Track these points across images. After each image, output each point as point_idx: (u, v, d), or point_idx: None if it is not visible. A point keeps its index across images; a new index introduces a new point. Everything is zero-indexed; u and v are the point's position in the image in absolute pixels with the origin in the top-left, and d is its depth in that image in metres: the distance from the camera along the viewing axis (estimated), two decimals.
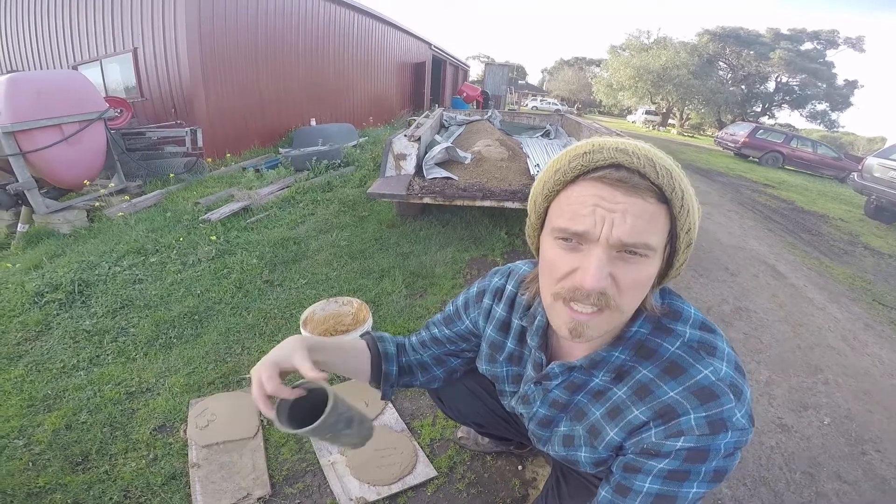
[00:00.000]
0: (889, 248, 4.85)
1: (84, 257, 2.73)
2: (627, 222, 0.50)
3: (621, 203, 0.50)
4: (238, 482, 1.25)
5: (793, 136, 12.54)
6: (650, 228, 0.51)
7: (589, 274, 0.51)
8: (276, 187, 4.20)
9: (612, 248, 0.51)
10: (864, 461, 1.63)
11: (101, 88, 5.87)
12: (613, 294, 0.52)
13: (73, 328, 2.02)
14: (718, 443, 0.55)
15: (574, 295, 0.53)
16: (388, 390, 0.89)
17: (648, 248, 0.51)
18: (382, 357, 0.87)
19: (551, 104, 33.62)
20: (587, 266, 0.51)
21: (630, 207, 0.50)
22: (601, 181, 0.51)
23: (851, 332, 2.61)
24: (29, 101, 3.32)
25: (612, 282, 0.52)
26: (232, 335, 1.97)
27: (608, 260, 0.51)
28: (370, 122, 9.64)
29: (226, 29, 5.73)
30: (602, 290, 0.51)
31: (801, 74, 21.19)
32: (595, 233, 0.50)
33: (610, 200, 0.50)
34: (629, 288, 0.53)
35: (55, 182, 3.72)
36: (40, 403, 1.56)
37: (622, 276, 0.52)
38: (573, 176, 0.53)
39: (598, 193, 0.51)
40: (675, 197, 0.51)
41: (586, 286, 0.51)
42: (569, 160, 0.54)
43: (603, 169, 0.51)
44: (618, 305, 0.53)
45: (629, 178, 0.50)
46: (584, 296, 0.52)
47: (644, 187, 0.50)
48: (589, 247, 0.52)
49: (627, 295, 0.54)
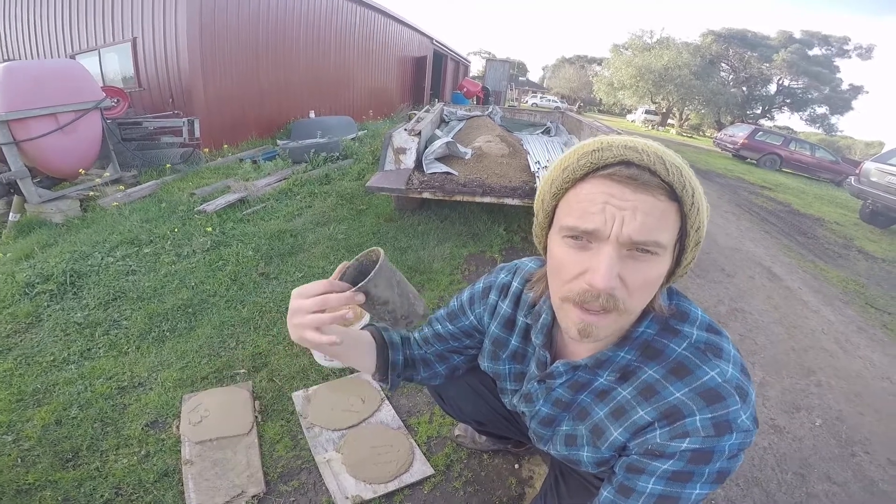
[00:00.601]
0: (882, 253, 4.88)
1: (76, 247, 2.69)
2: (638, 219, 0.49)
3: (631, 200, 0.49)
4: (232, 479, 1.23)
5: (791, 139, 12.58)
6: (661, 226, 0.50)
7: (599, 274, 0.50)
8: (274, 179, 4.16)
9: (622, 246, 0.50)
10: (854, 463, 1.64)
11: (98, 78, 5.79)
12: (623, 296, 0.52)
13: (65, 320, 1.99)
14: (723, 444, 0.55)
15: (584, 298, 0.53)
16: (396, 379, 0.88)
17: (659, 245, 0.51)
18: (389, 345, 0.86)
19: (551, 101, 33.55)
20: (596, 266, 0.51)
21: (640, 205, 0.49)
22: (611, 178, 0.50)
23: (844, 335, 2.63)
24: (24, 89, 3.28)
25: (621, 283, 0.51)
26: (226, 329, 1.95)
27: (618, 259, 0.50)
28: (370, 116, 9.57)
29: (227, 20, 5.67)
30: (611, 292, 0.51)
31: (804, 77, 21.25)
32: (605, 231, 0.50)
33: (620, 198, 0.50)
34: (638, 288, 0.53)
35: (49, 171, 3.67)
36: (30, 398, 1.54)
37: (631, 275, 0.51)
38: (582, 174, 0.52)
39: (608, 191, 0.50)
40: (686, 194, 0.51)
41: (596, 286, 0.51)
42: (577, 158, 0.53)
43: (612, 166, 0.51)
44: (626, 308, 0.53)
45: (639, 175, 0.49)
46: (594, 297, 0.52)
47: (654, 184, 0.49)
48: (599, 245, 0.51)
49: (636, 295, 0.53)
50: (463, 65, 19.54)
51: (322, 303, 0.60)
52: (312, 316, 0.60)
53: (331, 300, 0.60)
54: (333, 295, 0.60)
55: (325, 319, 0.60)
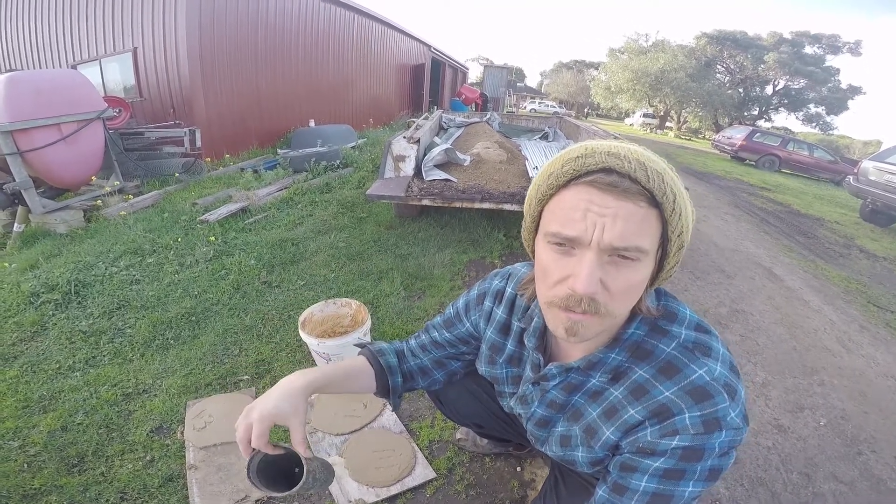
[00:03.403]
0: (884, 251, 4.88)
1: (80, 257, 2.72)
2: (618, 226, 0.50)
3: (612, 207, 0.50)
4: (236, 484, 1.24)
5: (789, 140, 12.60)
6: (641, 232, 0.51)
7: (580, 280, 0.52)
8: (275, 188, 4.19)
9: (603, 252, 0.51)
10: (860, 461, 1.63)
11: (99, 88, 5.86)
12: (605, 300, 0.53)
13: (69, 329, 2.01)
14: (713, 442, 0.56)
15: (567, 302, 0.54)
16: (397, 401, 0.90)
17: (640, 251, 0.52)
18: (386, 371, 0.88)
19: (549, 107, 33.69)
20: (578, 272, 0.52)
21: (620, 211, 0.50)
22: (592, 185, 0.51)
23: (847, 334, 2.63)
24: (27, 100, 3.31)
25: (602, 288, 0.53)
26: (229, 336, 1.96)
27: (599, 265, 0.52)
28: (370, 124, 9.63)
29: (226, 30, 5.73)
30: (592, 296, 0.52)
31: (800, 78, 21.35)
32: (586, 237, 0.51)
33: (601, 205, 0.51)
34: (621, 292, 0.54)
35: (52, 182, 3.70)
36: (36, 405, 1.55)
37: (613, 280, 0.53)
38: (566, 180, 0.54)
39: (589, 198, 0.51)
40: (667, 200, 0.51)
41: (577, 291, 0.52)
42: (562, 164, 0.54)
43: (594, 173, 0.52)
44: (608, 311, 0.54)
45: (620, 183, 0.50)
46: (576, 302, 0.53)
47: (635, 191, 0.50)
48: (581, 251, 0.53)
49: (619, 299, 0.54)
50: (461, 71, 19.66)
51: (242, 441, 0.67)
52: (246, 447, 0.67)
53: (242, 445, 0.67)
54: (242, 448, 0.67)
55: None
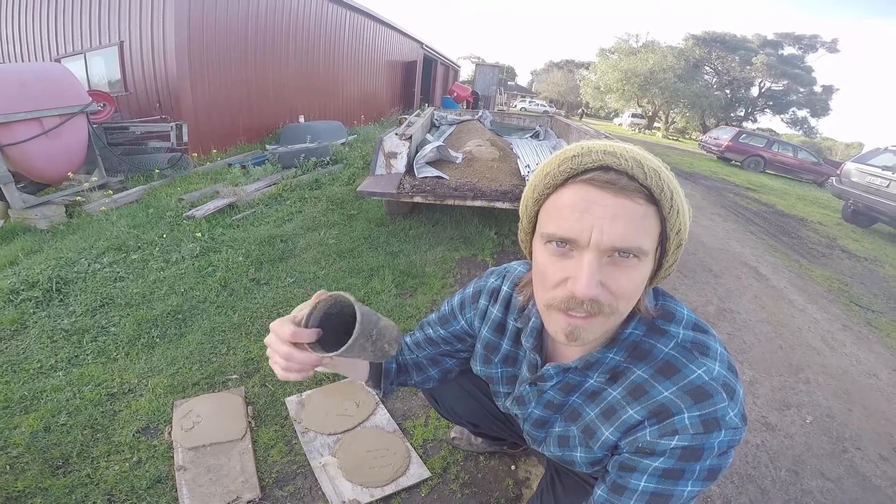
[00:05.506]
0: (865, 252, 5.00)
1: (62, 254, 2.64)
2: (618, 225, 0.49)
3: (610, 206, 0.50)
4: (226, 485, 1.22)
5: (774, 141, 12.87)
6: (641, 230, 0.51)
7: (580, 283, 0.50)
8: (263, 184, 4.13)
9: (603, 252, 0.50)
10: (846, 459, 1.67)
11: (84, 82, 5.70)
12: (607, 301, 0.52)
13: (51, 327, 1.95)
14: (712, 441, 0.55)
15: (568, 305, 0.53)
16: (389, 387, 0.88)
17: (640, 250, 0.51)
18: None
19: (539, 106, 33.83)
20: (578, 274, 0.51)
21: (619, 210, 0.50)
22: (590, 184, 0.51)
23: (830, 333, 2.69)
24: (8, 93, 3.22)
25: (603, 289, 0.52)
26: (217, 335, 1.93)
27: (599, 266, 0.51)
28: (360, 120, 9.56)
29: (215, 23, 5.63)
30: (594, 298, 0.51)
31: (783, 79, 21.80)
32: (585, 238, 0.50)
33: (599, 203, 0.50)
34: (622, 292, 0.53)
35: (33, 176, 3.60)
36: (17, 405, 1.50)
37: (614, 281, 0.52)
38: (562, 179, 0.53)
39: (587, 197, 0.51)
40: (664, 198, 0.51)
41: (577, 294, 0.51)
42: (558, 164, 0.54)
43: (591, 171, 0.51)
44: (612, 310, 0.53)
45: (617, 180, 0.50)
46: (577, 304, 0.52)
47: (633, 188, 0.50)
48: (580, 253, 0.52)
49: (621, 300, 0.53)
50: (453, 69, 19.63)
51: (287, 356, 0.60)
52: (284, 363, 0.61)
53: (295, 358, 0.60)
54: (298, 354, 0.60)
55: (292, 376, 0.62)
